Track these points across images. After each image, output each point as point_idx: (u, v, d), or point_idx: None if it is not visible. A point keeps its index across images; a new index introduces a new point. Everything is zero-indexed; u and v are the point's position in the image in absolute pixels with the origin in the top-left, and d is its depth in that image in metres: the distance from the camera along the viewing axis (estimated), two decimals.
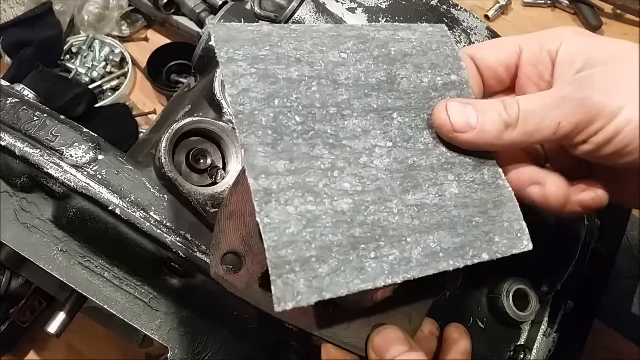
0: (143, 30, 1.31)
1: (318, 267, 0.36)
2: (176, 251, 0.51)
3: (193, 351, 0.56)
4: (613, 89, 0.39)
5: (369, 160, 0.41)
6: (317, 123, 0.40)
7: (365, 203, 0.40)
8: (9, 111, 0.55)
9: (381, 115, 0.43)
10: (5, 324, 0.90)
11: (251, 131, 0.38)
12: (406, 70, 0.45)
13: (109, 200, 0.51)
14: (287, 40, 0.41)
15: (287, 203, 0.37)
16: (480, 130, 0.42)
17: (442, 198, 0.43)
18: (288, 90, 0.40)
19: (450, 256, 0.41)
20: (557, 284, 0.66)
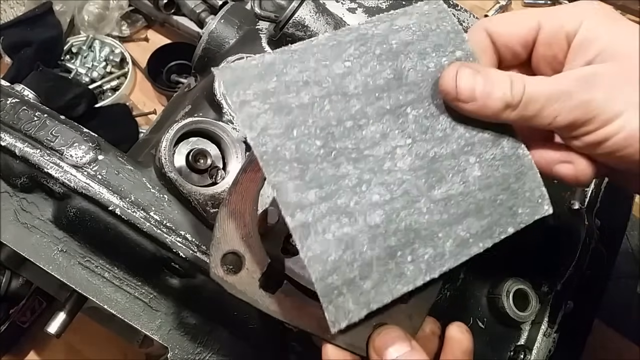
0: (143, 30, 1.31)
1: (362, 283, 0.39)
2: (176, 251, 0.51)
3: (193, 351, 0.56)
4: (615, 95, 0.40)
5: (392, 164, 0.42)
6: (337, 141, 0.41)
7: (396, 210, 0.41)
8: (9, 111, 0.55)
9: (396, 114, 0.43)
10: (5, 324, 0.90)
11: (278, 169, 0.39)
12: (411, 61, 0.44)
13: (109, 200, 0.51)
14: (291, 64, 0.41)
15: (325, 231, 0.39)
16: (482, 105, 0.42)
17: (466, 184, 0.43)
18: (303, 116, 0.40)
19: (479, 239, 0.43)
20: (557, 284, 0.66)
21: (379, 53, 0.43)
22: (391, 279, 0.40)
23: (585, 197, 0.72)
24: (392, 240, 0.40)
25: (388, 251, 0.40)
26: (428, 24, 0.45)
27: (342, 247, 0.39)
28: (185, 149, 0.56)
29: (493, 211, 0.43)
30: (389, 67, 0.43)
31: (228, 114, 0.57)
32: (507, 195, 0.44)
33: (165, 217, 0.52)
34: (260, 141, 0.39)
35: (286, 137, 0.39)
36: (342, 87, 0.42)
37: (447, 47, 0.45)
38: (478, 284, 0.64)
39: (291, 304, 0.43)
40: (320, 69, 0.42)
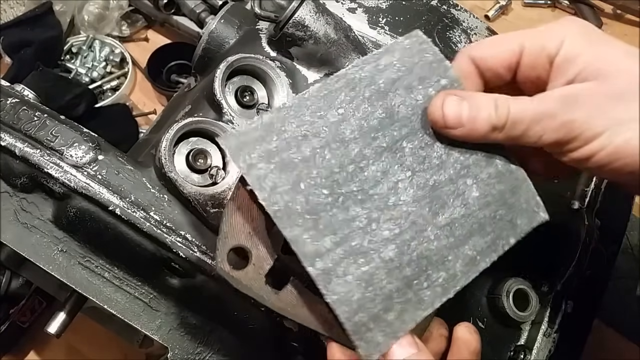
0: (143, 30, 1.31)
1: (387, 316, 0.41)
2: (176, 251, 0.51)
3: (193, 351, 0.56)
4: (596, 114, 0.41)
5: (396, 198, 0.44)
6: (342, 186, 0.43)
7: (406, 242, 0.43)
8: (9, 111, 0.55)
9: (393, 150, 0.45)
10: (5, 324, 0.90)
11: (293, 223, 0.41)
12: (399, 97, 0.46)
13: (109, 200, 0.51)
14: (288, 121, 0.43)
15: (345, 274, 0.41)
16: (470, 129, 0.44)
17: (467, 206, 0.46)
18: (307, 169, 0.42)
19: (485, 255, 0.46)
20: (557, 284, 0.66)
21: (369, 95, 0.45)
22: (412, 307, 0.42)
23: (585, 197, 0.72)
24: (407, 270, 0.43)
25: (405, 281, 0.42)
26: (411, 58, 0.47)
27: (363, 285, 0.41)
28: (185, 149, 0.56)
29: (495, 227, 0.46)
30: (379, 107, 0.45)
31: (228, 114, 0.57)
32: (506, 209, 0.46)
33: (165, 217, 0.52)
34: (272, 200, 0.41)
35: (295, 192, 0.41)
36: (339, 134, 0.44)
37: (432, 78, 0.47)
38: (478, 284, 0.64)
39: (297, 301, 0.43)
40: (316, 121, 0.44)
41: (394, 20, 0.69)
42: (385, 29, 0.68)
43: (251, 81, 0.61)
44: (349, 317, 0.40)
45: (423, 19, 0.69)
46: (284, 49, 0.62)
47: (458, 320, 0.62)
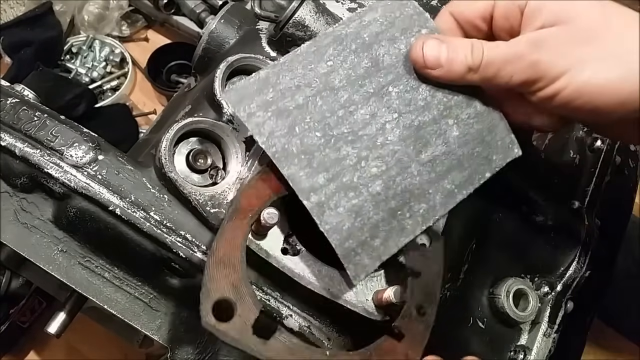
0: (143, 30, 1.31)
1: (373, 242, 0.47)
2: (176, 251, 0.51)
3: (193, 351, 0.56)
4: (559, 55, 0.46)
5: (384, 138, 0.48)
6: (334, 129, 0.47)
7: (392, 178, 0.48)
8: (9, 111, 0.54)
9: (380, 95, 0.49)
10: (5, 324, 0.90)
11: (289, 163, 0.46)
12: (383, 48, 0.50)
13: (109, 200, 0.51)
14: (282, 75, 0.48)
15: (337, 206, 0.46)
16: (447, 70, 0.49)
17: (448, 144, 0.50)
18: (301, 115, 0.47)
19: (462, 188, 0.50)
20: (557, 284, 0.66)
21: (355, 48, 0.49)
22: (395, 234, 0.48)
23: (585, 197, 0.72)
24: (392, 203, 0.48)
25: (390, 212, 0.48)
26: (392, 13, 0.51)
27: (353, 216, 0.46)
28: (185, 149, 0.56)
29: (472, 163, 0.51)
30: (365, 58, 0.49)
31: (228, 114, 0.57)
32: (483, 147, 0.51)
33: (165, 217, 0.52)
34: (270, 143, 0.46)
35: (291, 135, 0.46)
36: (329, 83, 0.48)
37: (413, 28, 0.51)
38: (478, 284, 0.64)
39: (286, 350, 0.44)
40: (308, 73, 0.48)
41: None
42: None
43: None
44: (340, 244, 0.46)
45: None
46: (284, 49, 0.62)
47: (458, 320, 0.63)
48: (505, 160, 0.52)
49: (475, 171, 0.51)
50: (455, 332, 0.62)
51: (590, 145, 0.75)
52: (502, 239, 0.66)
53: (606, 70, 0.45)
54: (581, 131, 0.77)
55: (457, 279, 0.62)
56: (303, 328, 0.52)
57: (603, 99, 0.45)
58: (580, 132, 0.77)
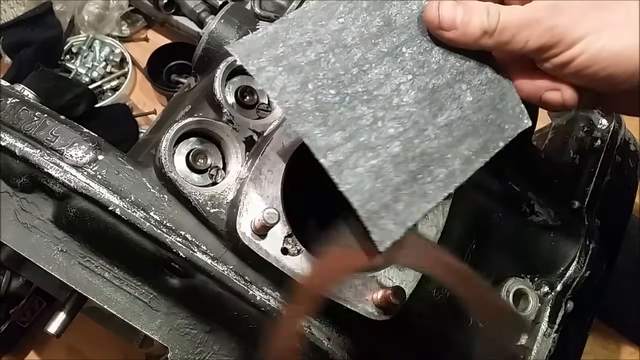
0: (143, 30, 1.31)
1: (396, 206, 0.45)
2: (176, 251, 0.51)
3: (193, 351, 0.56)
4: (577, 21, 0.45)
5: (399, 99, 0.47)
6: (348, 87, 0.46)
7: (410, 139, 0.47)
8: (9, 111, 0.54)
9: (393, 55, 0.48)
10: (5, 324, 0.90)
11: (304, 119, 0.44)
12: (395, 7, 0.49)
13: (109, 200, 0.51)
14: (292, 30, 0.46)
15: (356, 165, 0.44)
16: (462, 32, 0.47)
17: (462, 109, 0.49)
18: (314, 71, 0.45)
19: (479, 155, 0.49)
20: (557, 284, 0.66)
21: (366, 6, 0.48)
22: (418, 199, 0.46)
23: (585, 197, 0.72)
24: (412, 165, 0.46)
25: (411, 175, 0.46)
26: None
27: (373, 177, 0.44)
28: (185, 149, 0.56)
29: (486, 130, 0.50)
30: (377, 16, 0.48)
31: (228, 114, 0.57)
32: (496, 114, 0.50)
33: (165, 217, 0.52)
34: (283, 99, 0.44)
35: (304, 92, 0.44)
36: (341, 40, 0.47)
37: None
38: None
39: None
40: (319, 29, 0.46)
41: None
42: None
43: (251, 81, 0.61)
44: (362, 205, 0.44)
45: None
46: None
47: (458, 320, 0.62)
48: (517, 131, 0.51)
49: (489, 139, 0.50)
50: (455, 332, 0.62)
51: (591, 145, 0.75)
52: (502, 239, 0.66)
53: (621, 38, 0.44)
54: (581, 131, 0.77)
55: None
56: (303, 328, 0.52)
57: (617, 67, 0.45)
58: (581, 132, 0.77)
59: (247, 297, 0.52)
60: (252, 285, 0.53)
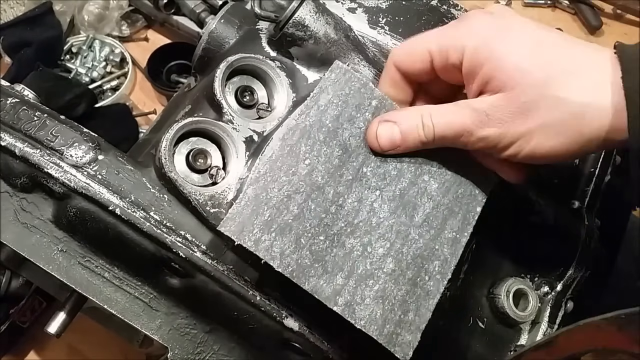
0: (143, 30, 1.31)
1: (407, 317, 0.49)
2: (176, 251, 0.51)
3: (193, 351, 0.56)
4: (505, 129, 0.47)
5: (377, 218, 0.50)
6: (333, 227, 0.49)
7: (399, 250, 0.50)
8: (9, 111, 0.54)
9: (358, 179, 0.51)
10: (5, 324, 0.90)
11: (308, 276, 0.47)
12: (347, 130, 0.52)
13: (109, 200, 0.51)
14: (269, 187, 0.49)
15: (363, 299, 0.48)
16: (405, 148, 0.51)
17: (432, 198, 0.52)
18: (302, 225, 0.48)
19: (462, 231, 0.53)
20: (557, 284, 0.66)
21: (323, 138, 0.51)
22: (423, 300, 0.49)
23: (585, 197, 0.72)
24: (409, 274, 0.50)
25: (411, 283, 0.49)
26: (342, 91, 0.53)
27: (381, 301, 0.48)
28: (185, 149, 0.56)
29: (461, 205, 0.53)
30: (335, 146, 0.51)
31: (228, 114, 0.57)
32: (463, 187, 0.54)
33: (165, 217, 0.52)
34: (285, 264, 0.47)
35: (299, 249, 0.47)
36: (314, 183, 0.50)
37: (364, 103, 0.53)
38: (478, 284, 0.64)
39: None
40: (292, 178, 0.49)
41: (394, 20, 0.69)
42: (385, 29, 0.68)
43: (251, 81, 0.61)
44: (380, 332, 0.47)
45: (423, 19, 0.69)
46: (284, 49, 0.62)
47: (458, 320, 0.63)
48: (488, 189, 0.55)
49: (467, 210, 0.53)
50: (455, 332, 0.62)
51: None
52: (502, 238, 0.66)
53: (547, 139, 0.47)
54: None
55: (457, 279, 0.62)
56: (303, 328, 0.52)
57: (553, 159, 0.48)
58: None
59: (247, 297, 0.52)
60: (252, 285, 0.53)
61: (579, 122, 0.45)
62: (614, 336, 0.40)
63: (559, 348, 0.42)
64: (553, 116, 0.46)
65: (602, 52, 0.46)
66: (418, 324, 0.49)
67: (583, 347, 0.42)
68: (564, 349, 0.42)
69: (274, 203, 0.48)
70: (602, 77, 0.45)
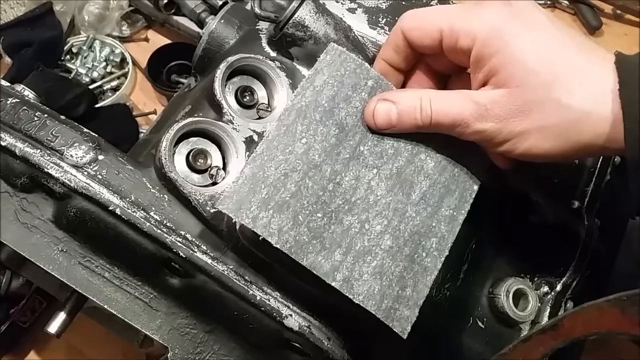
0: (143, 31, 1.31)
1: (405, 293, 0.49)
2: (176, 251, 0.51)
3: (193, 351, 0.56)
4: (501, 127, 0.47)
5: (374, 196, 0.50)
6: (330, 204, 0.49)
7: (396, 227, 0.50)
8: (9, 111, 0.55)
9: (355, 157, 0.51)
10: (6, 324, 0.90)
11: (306, 252, 0.47)
12: (343, 110, 0.52)
13: (109, 200, 0.51)
14: (267, 166, 0.48)
15: (361, 275, 0.48)
16: (400, 128, 0.51)
17: (429, 177, 0.53)
18: (299, 202, 0.48)
19: (459, 208, 0.53)
20: (557, 284, 0.66)
21: (319, 117, 0.51)
22: (421, 276, 0.50)
23: (585, 197, 0.72)
24: (406, 250, 0.50)
25: (408, 259, 0.50)
26: (338, 72, 0.53)
27: (378, 277, 0.48)
28: (185, 149, 0.56)
29: (457, 184, 0.54)
30: (332, 125, 0.51)
31: (228, 114, 0.57)
32: (460, 165, 0.54)
33: (165, 217, 0.52)
34: (283, 240, 0.47)
35: (297, 226, 0.47)
36: (311, 161, 0.49)
37: (360, 83, 0.53)
38: (478, 284, 0.64)
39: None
40: (288, 157, 0.49)
41: (393, 20, 0.69)
42: (385, 29, 0.68)
43: (251, 81, 0.61)
44: (378, 307, 0.47)
45: None
46: (284, 49, 0.62)
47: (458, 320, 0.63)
48: (485, 168, 0.55)
49: (463, 189, 0.54)
50: (455, 332, 0.62)
51: None
52: (502, 239, 0.66)
53: (543, 141, 0.47)
54: None
55: (457, 279, 0.62)
56: (303, 328, 0.52)
57: (547, 159, 0.48)
58: None
59: (247, 297, 0.52)
60: (252, 285, 0.53)
61: (578, 128, 0.45)
62: (617, 318, 0.40)
63: (564, 331, 0.43)
64: (553, 120, 0.46)
65: (608, 60, 0.46)
66: (416, 299, 0.49)
67: (588, 330, 0.42)
68: (569, 332, 0.42)
69: (272, 181, 0.48)
70: (605, 86, 0.44)
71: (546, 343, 0.44)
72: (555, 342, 0.43)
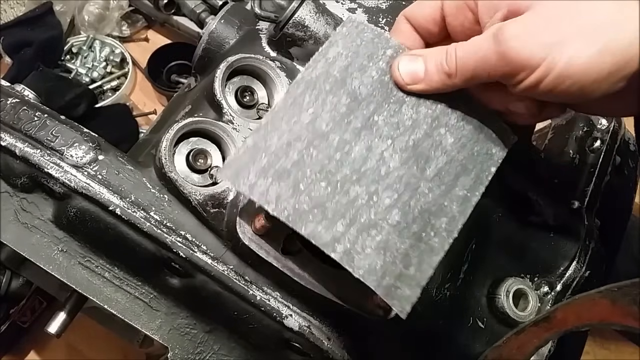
0: (143, 31, 1.32)
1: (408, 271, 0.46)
2: (176, 251, 0.51)
3: (193, 351, 0.56)
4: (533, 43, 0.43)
5: (386, 167, 0.48)
6: (336, 174, 0.46)
7: (406, 203, 0.47)
8: (9, 111, 0.55)
9: (368, 127, 0.48)
10: (6, 324, 0.90)
11: (305, 221, 0.44)
12: (357, 79, 0.49)
13: (109, 200, 0.51)
14: (269, 136, 0.46)
15: (364, 249, 0.45)
16: (428, 82, 0.48)
17: (447, 153, 0.50)
18: (301, 171, 0.46)
19: (474, 190, 0.50)
20: (557, 284, 0.66)
21: (329, 88, 0.49)
22: (426, 256, 0.47)
23: (585, 197, 0.72)
24: (414, 227, 0.47)
25: (416, 237, 0.47)
26: (353, 42, 0.50)
27: (382, 253, 0.45)
28: (185, 149, 0.56)
29: (475, 163, 0.50)
30: (343, 95, 0.49)
31: (228, 114, 0.57)
32: (480, 145, 0.51)
33: (165, 217, 0.52)
34: (280, 208, 0.44)
35: (297, 194, 0.45)
36: (317, 130, 0.47)
37: (377, 52, 0.50)
38: (478, 284, 0.64)
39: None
40: (293, 127, 0.47)
41: (393, 20, 0.68)
42: (386, 29, 0.68)
43: (251, 81, 0.61)
44: (379, 284, 0.44)
45: None
46: (284, 49, 0.62)
47: (458, 320, 0.63)
48: (505, 150, 0.52)
49: (480, 170, 0.51)
50: (455, 332, 0.62)
51: (590, 145, 0.75)
52: (502, 239, 0.66)
53: (586, 47, 0.42)
54: (581, 131, 0.77)
55: (457, 279, 0.62)
56: (303, 328, 0.52)
57: (587, 77, 0.43)
58: (580, 132, 0.77)
59: (247, 297, 0.52)
60: (252, 285, 0.53)
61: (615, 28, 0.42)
62: (608, 309, 0.40)
63: (556, 323, 0.42)
64: (589, 22, 0.42)
65: None
66: (419, 279, 0.46)
67: (580, 321, 0.41)
68: (561, 324, 0.42)
69: (273, 150, 0.46)
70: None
71: (539, 335, 0.43)
72: (548, 334, 0.43)
